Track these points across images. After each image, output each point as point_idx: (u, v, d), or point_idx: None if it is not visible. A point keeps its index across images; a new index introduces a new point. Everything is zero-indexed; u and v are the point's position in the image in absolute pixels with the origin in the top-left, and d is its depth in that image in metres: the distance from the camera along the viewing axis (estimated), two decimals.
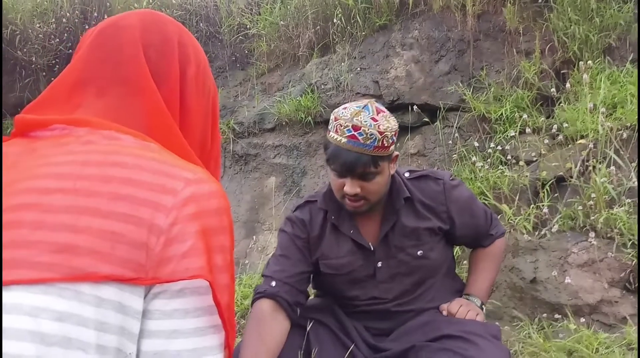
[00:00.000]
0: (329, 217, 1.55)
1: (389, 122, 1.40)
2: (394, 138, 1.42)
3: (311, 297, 1.65)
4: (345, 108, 1.42)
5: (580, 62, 3.07)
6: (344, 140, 1.37)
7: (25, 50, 4.77)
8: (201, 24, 4.81)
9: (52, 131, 0.68)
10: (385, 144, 1.38)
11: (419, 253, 1.51)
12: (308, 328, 1.50)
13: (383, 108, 1.45)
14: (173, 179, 0.63)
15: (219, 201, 0.65)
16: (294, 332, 1.49)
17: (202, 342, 0.61)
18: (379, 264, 1.52)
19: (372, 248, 1.52)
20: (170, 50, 0.76)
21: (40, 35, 4.81)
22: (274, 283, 1.47)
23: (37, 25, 4.84)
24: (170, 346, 0.60)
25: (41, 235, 0.56)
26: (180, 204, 0.61)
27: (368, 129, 1.35)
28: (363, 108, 1.39)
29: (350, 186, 1.40)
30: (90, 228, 0.57)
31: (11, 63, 4.78)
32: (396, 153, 1.48)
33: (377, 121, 1.37)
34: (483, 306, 1.58)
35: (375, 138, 1.36)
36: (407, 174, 1.56)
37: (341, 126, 1.38)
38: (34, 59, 4.78)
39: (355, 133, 1.36)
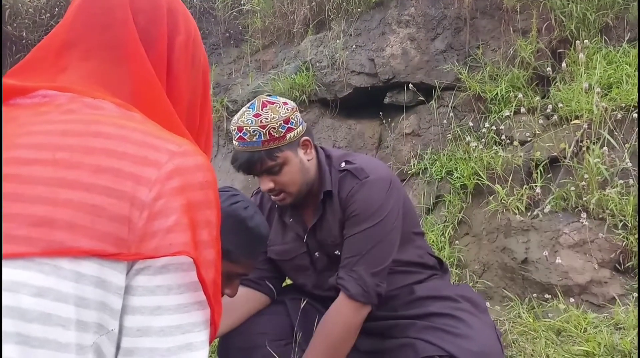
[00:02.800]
0: (273, 205, 1.56)
1: (275, 113, 1.37)
2: (287, 126, 1.38)
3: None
4: (238, 113, 1.43)
5: (577, 42, 3.05)
6: (236, 144, 1.40)
7: (15, 25, 4.69)
8: (195, 0, 4.73)
9: (32, 98, 0.66)
10: (275, 135, 1.36)
11: (336, 252, 1.47)
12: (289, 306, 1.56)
13: (274, 100, 1.41)
14: (157, 152, 0.61)
15: (204, 175, 0.63)
16: (277, 310, 1.53)
17: (186, 318, 0.60)
18: (317, 254, 1.53)
19: (304, 239, 1.52)
20: (159, 16, 0.74)
21: (30, 10, 4.73)
22: None
23: None
24: (153, 322, 0.59)
25: (19, 207, 0.55)
26: (164, 178, 0.60)
27: (250, 127, 1.36)
28: (249, 107, 1.41)
29: (263, 183, 1.41)
30: (70, 201, 0.55)
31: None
32: (304, 138, 1.43)
33: (259, 116, 1.37)
34: None
35: (259, 133, 1.35)
36: (343, 165, 1.49)
37: (232, 132, 1.41)
38: (24, 34, 4.70)
39: (240, 134, 1.38)
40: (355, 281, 1.36)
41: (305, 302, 1.53)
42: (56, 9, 4.79)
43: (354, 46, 3.78)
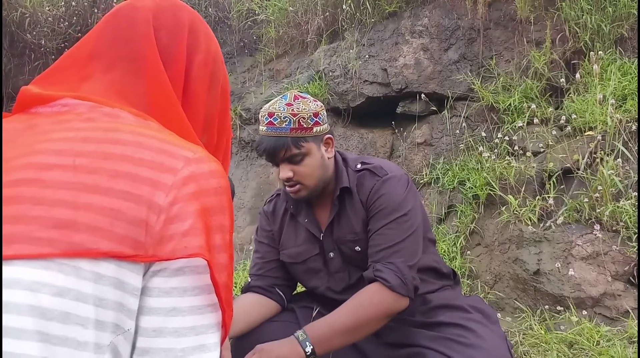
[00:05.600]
0: (288, 207, 1.59)
1: (306, 105, 1.43)
2: (315, 119, 1.43)
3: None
4: (268, 102, 1.47)
5: (591, 53, 3.04)
6: (264, 129, 1.43)
7: (34, 33, 4.78)
8: (210, 9, 4.80)
9: (52, 107, 0.68)
10: (304, 125, 1.41)
11: (356, 248, 1.49)
12: (297, 312, 1.55)
13: (305, 95, 1.47)
14: (173, 158, 0.63)
15: (218, 181, 0.65)
16: (287, 317, 1.54)
17: (200, 320, 0.62)
18: (331, 255, 1.53)
19: (320, 238, 1.53)
20: (180, 34, 0.76)
21: (49, 19, 4.82)
22: (249, 280, 1.61)
23: (47, 8, 4.85)
24: (168, 323, 0.60)
25: (41, 210, 0.56)
26: (179, 183, 0.62)
27: (281, 113, 1.41)
28: (281, 97, 1.45)
29: (282, 171, 1.44)
30: (90, 204, 0.57)
31: (20, 46, 4.79)
32: (328, 135, 1.48)
33: (291, 105, 1.42)
34: (311, 355, 1.26)
35: (290, 120, 1.40)
36: (359, 166, 1.52)
37: (261, 117, 1.45)
38: (43, 42, 4.78)
39: (271, 119, 1.42)
40: (394, 273, 1.33)
41: (317, 311, 1.54)
42: (74, 18, 4.87)
43: (367, 56, 3.81)
